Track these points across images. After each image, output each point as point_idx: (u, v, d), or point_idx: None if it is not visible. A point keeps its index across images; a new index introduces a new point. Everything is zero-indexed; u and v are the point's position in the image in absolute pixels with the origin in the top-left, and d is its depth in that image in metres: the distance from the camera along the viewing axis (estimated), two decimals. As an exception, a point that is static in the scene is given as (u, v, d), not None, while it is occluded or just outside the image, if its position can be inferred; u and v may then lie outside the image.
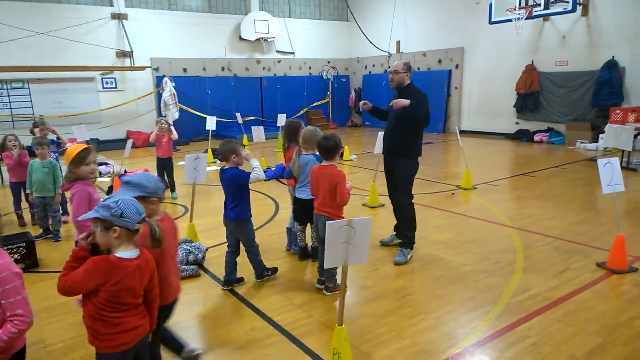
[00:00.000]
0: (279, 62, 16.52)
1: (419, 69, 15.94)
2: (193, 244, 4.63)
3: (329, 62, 17.61)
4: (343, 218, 3.79)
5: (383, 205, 6.60)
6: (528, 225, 5.58)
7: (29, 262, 4.57)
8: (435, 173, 8.86)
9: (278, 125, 11.86)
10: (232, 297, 3.91)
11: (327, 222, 2.42)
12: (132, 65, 13.24)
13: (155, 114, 13.98)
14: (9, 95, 11.87)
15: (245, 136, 13.60)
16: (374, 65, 17.65)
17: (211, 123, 10.63)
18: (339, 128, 17.65)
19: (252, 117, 14.94)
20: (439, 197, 7.08)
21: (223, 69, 15.26)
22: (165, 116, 13.49)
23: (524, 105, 13.17)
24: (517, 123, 13.65)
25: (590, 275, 4.15)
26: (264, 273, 4.14)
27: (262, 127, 8.94)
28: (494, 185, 7.72)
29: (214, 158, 10.59)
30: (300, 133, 4.49)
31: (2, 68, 11.24)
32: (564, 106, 12.38)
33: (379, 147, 6.52)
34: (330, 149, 3.70)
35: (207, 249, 4.80)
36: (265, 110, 16.14)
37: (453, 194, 7.23)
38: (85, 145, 3.32)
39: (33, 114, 12.18)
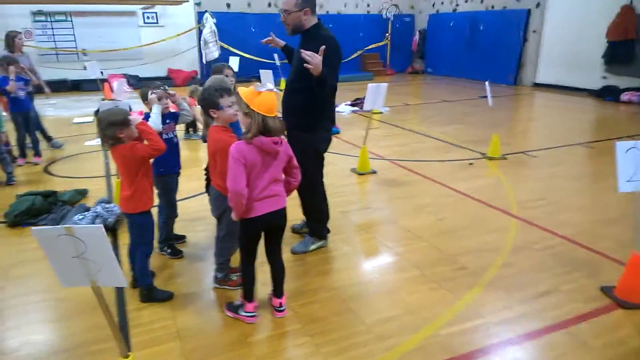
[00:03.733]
0: (334, -3, 15.06)
1: (493, 7, 13.69)
2: (107, 206, 4.05)
3: (391, -1, 15.77)
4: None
5: (375, 172, 5.56)
6: (540, 216, 4.28)
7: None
8: (466, 135, 7.44)
9: (311, 69, 10.80)
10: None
11: (32, 228, 1.62)
12: (172, -1, 12.70)
13: (196, 51, 13.49)
14: (52, 28, 11.94)
15: (283, 80, 12.72)
16: (442, 3, 15.52)
17: (233, 63, 9.87)
18: (396, 74, 16.07)
19: (298, 59, 13.86)
20: (452, 167, 5.83)
21: (270, 5, 14.19)
22: (205, 54, 13.01)
23: (614, 56, 10.77)
24: (604, 77, 11.29)
25: (581, 305, 2.94)
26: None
27: (270, 72, 7.97)
28: (532, 157, 6.25)
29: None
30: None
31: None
32: (666, 59, 9.90)
33: (370, 102, 5.41)
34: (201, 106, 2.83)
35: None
36: (315, 52, 14.96)
37: (471, 164, 5.93)
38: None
39: (76, 47, 12.23)
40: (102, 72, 12.23)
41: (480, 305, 2.92)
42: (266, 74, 8.00)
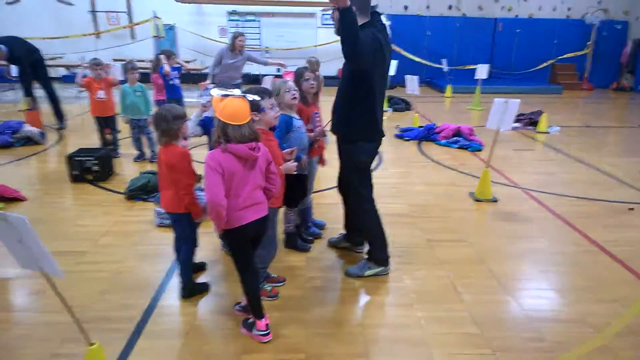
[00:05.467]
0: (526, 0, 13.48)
1: None
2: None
3: (599, 2, 13.37)
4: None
5: (495, 201, 4.77)
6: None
7: (98, 175, 5.10)
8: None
9: (476, 77, 9.91)
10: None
11: (-24, 213, 1.72)
12: (350, 2, 13.00)
13: (367, 53, 13.64)
14: (243, 27, 13.42)
15: (449, 86, 11.97)
16: (671, 8, 12.57)
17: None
18: (595, 90, 13.64)
19: (471, 66, 12.83)
20: (603, 208, 4.65)
21: (450, 7, 13.42)
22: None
23: None
24: None
25: None
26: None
27: (416, 77, 7.49)
28: None
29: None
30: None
31: (240, 0, 12.69)
32: None
33: (494, 120, 4.66)
34: None
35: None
36: (495, 60, 13.68)
37: (631, 209, 4.62)
38: None
39: (260, 45, 13.54)
40: (278, 69, 13.33)
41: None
42: (411, 80, 7.61)
